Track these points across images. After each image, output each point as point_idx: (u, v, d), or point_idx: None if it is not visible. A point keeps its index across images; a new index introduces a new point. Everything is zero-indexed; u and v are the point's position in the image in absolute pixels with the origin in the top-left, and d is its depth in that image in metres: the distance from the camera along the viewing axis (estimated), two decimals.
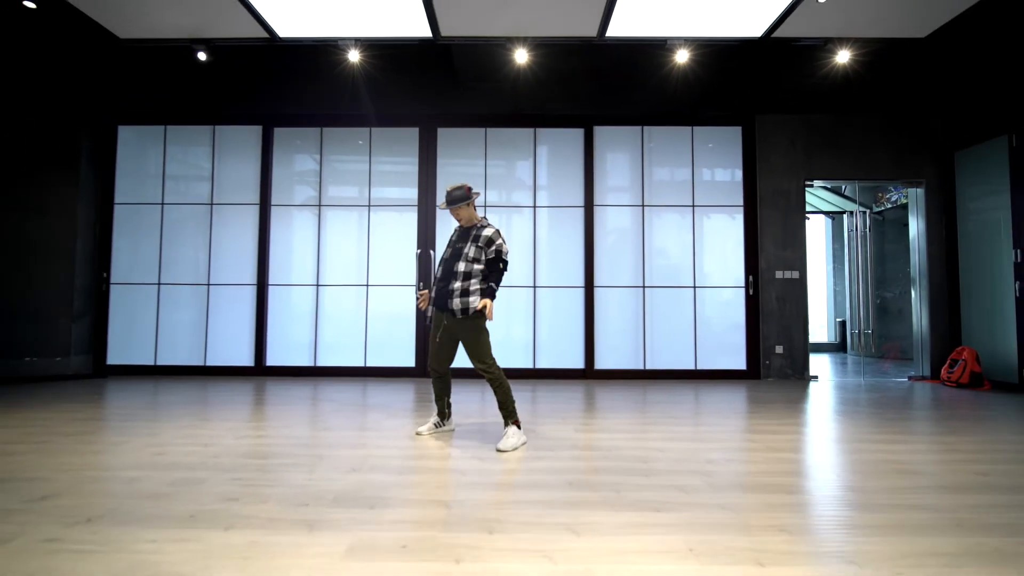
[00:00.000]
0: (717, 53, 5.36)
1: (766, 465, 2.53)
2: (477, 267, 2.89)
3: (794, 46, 4.80)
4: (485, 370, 2.89)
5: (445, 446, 2.84)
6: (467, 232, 2.98)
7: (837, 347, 9.62)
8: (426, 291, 3.08)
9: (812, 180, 5.91)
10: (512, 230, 5.86)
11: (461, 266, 2.89)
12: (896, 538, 1.72)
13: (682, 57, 4.66)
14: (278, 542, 1.66)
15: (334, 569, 1.50)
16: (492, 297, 2.88)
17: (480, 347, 2.90)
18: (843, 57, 4.60)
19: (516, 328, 5.74)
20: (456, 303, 2.86)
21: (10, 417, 3.49)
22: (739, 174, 5.86)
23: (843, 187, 8.60)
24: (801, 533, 1.74)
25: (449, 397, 3.14)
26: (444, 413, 3.14)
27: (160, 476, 2.29)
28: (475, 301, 2.85)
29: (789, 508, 1.98)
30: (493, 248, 2.93)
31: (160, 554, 1.58)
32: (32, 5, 3.95)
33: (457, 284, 2.87)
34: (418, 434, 3.06)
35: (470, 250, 2.91)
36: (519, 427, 2.89)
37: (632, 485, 2.22)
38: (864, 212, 6.41)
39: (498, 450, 2.73)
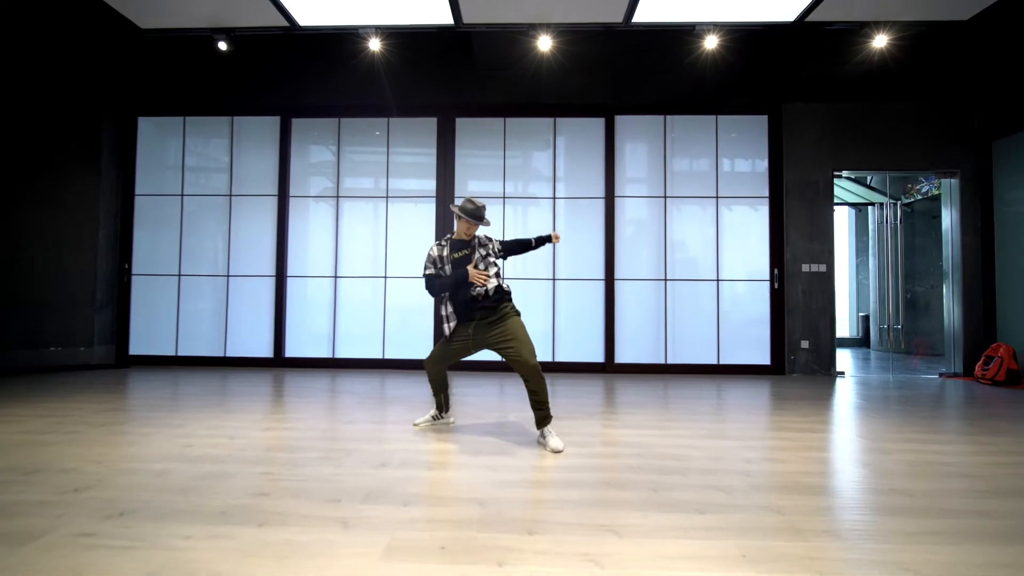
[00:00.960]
0: (745, 38, 5.20)
1: (805, 465, 2.45)
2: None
3: (826, 30, 4.63)
4: (537, 368, 2.73)
5: (470, 441, 2.79)
6: (471, 245, 2.91)
7: (860, 342, 9.41)
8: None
9: (841, 170, 5.73)
10: (530, 221, 5.77)
11: (492, 270, 2.87)
12: (955, 546, 1.63)
13: (710, 43, 4.52)
14: (313, 540, 1.62)
15: (374, 571, 1.46)
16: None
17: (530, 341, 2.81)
18: (879, 42, 4.42)
19: (535, 321, 5.67)
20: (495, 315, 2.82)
21: (40, 406, 3.52)
22: (765, 164, 5.70)
23: (868, 177, 8.36)
24: (856, 539, 1.66)
25: (447, 391, 3.11)
26: (443, 406, 3.12)
27: (189, 469, 2.27)
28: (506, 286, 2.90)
29: (838, 511, 1.90)
30: (497, 242, 3.00)
31: (195, 551, 1.55)
32: None
33: (495, 283, 2.83)
34: (415, 425, 3.09)
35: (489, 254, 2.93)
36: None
37: (670, 485, 2.15)
38: (895, 203, 6.21)
39: (556, 451, 2.62)
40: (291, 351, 5.76)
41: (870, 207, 8.64)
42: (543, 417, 2.75)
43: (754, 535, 1.68)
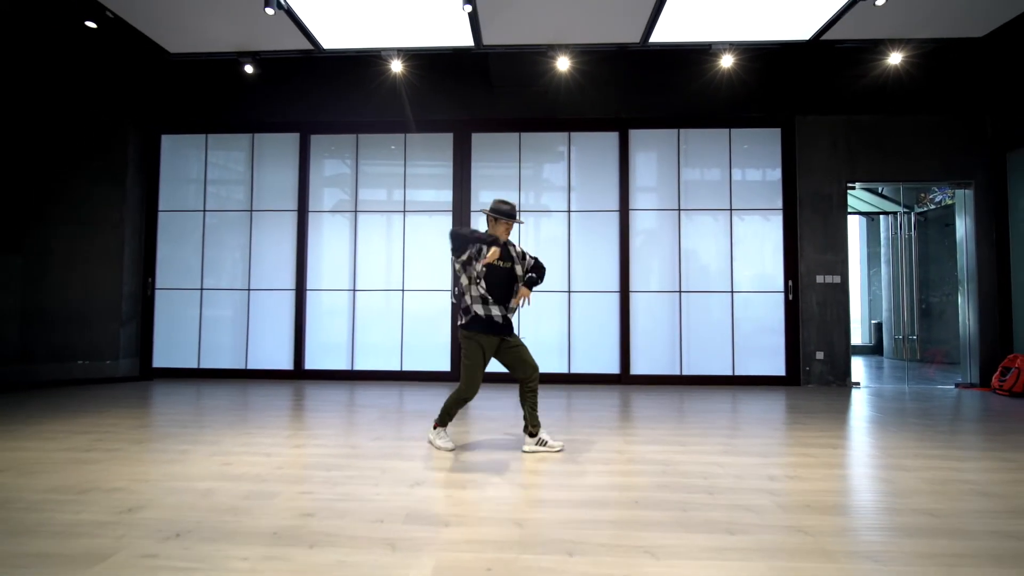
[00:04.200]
0: (759, 56, 5.27)
1: (829, 483, 2.50)
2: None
3: (841, 48, 4.69)
4: (533, 375, 2.93)
5: (497, 459, 2.87)
6: (507, 250, 2.96)
7: (872, 349, 9.41)
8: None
9: (855, 182, 5.77)
10: (543, 234, 5.86)
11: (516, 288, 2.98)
12: (993, 569, 1.68)
13: (726, 62, 4.60)
14: (364, 562, 1.70)
15: None
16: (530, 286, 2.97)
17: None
18: (894, 58, 4.49)
19: (550, 333, 5.75)
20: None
21: (75, 422, 3.63)
22: (778, 176, 5.76)
23: (880, 187, 8.38)
24: (890, 562, 1.72)
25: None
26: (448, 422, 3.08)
27: (233, 488, 2.36)
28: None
29: (867, 532, 1.95)
30: (530, 258, 3.07)
31: (254, 573, 1.63)
32: (93, 25, 4.07)
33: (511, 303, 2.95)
34: (451, 449, 3.00)
35: (519, 269, 2.98)
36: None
37: (699, 504, 2.21)
38: (908, 213, 6.24)
39: (523, 451, 2.92)
40: (311, 363, 5.87)
41: (882, 216, 8.65)
42: (535, 426, 2.94)
43: (785, 556, 1.74)
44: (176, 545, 1.81)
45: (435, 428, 3.03)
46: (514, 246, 3.02)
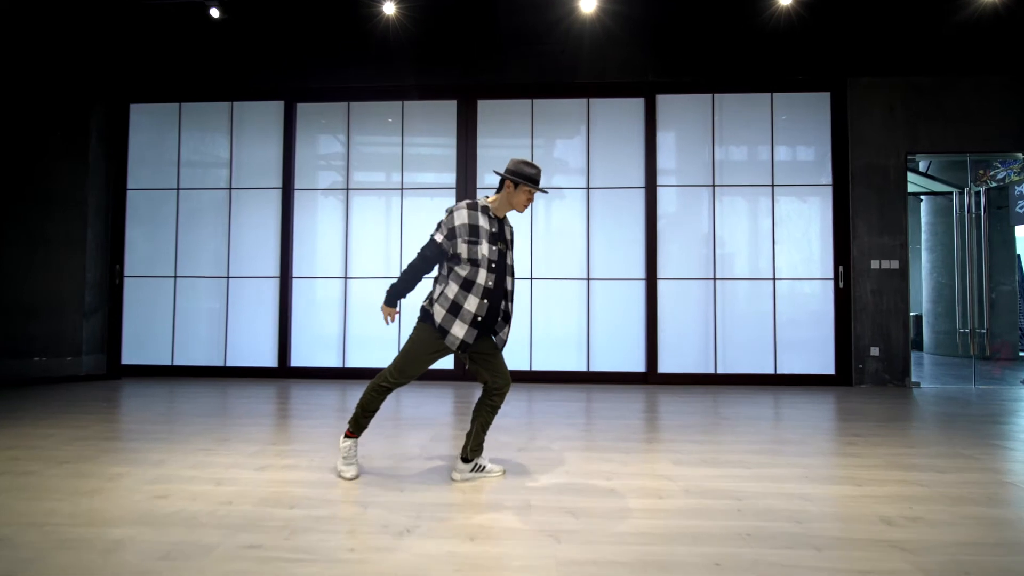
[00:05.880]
0: (803, 4, 4.56)
1: (967, 530, 1.83)
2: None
3: None
4: (504, 388, 2.25)
5: (511, 490, 2.21)
6: (500, 229, 2.24)
7: (913, 344, 8.68)
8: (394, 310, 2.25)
9: (914, 153, 5.05)
10: (555, 215, 5.17)
11: (510, 282, 2.24)
12: None
13: (763, 10, 3.87)
14: None
15: None
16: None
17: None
18: (959, 9, 3.75)
19: (567, 327, 5.09)
20: (505, 332, 2.27)
21: (1, 433, 3.00)
22: (827, 148, 5.05)
23: (921, 164, 7.61)
24: None
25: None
26: (363, 428, 2.32)
27: (153, 539, 1.72)
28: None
29: None
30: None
31: None
32: None
33: (508, 304, 2.25)
34: (352, 479, 2.28)
35: (511, 259, 2.27)
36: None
37: (807, 566, 1.55)
38: (978, 192, 5.52)
39: (453, 479, 2.26)
40: (297, 360, 5.23)
41: (924, 196, 7.91)
42: (476, 448, 2.28)
43: None
44: None
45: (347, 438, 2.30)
46: (511, 227, 2.33)
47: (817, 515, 1.94)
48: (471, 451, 2.28)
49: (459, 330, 2.12)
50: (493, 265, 2.14)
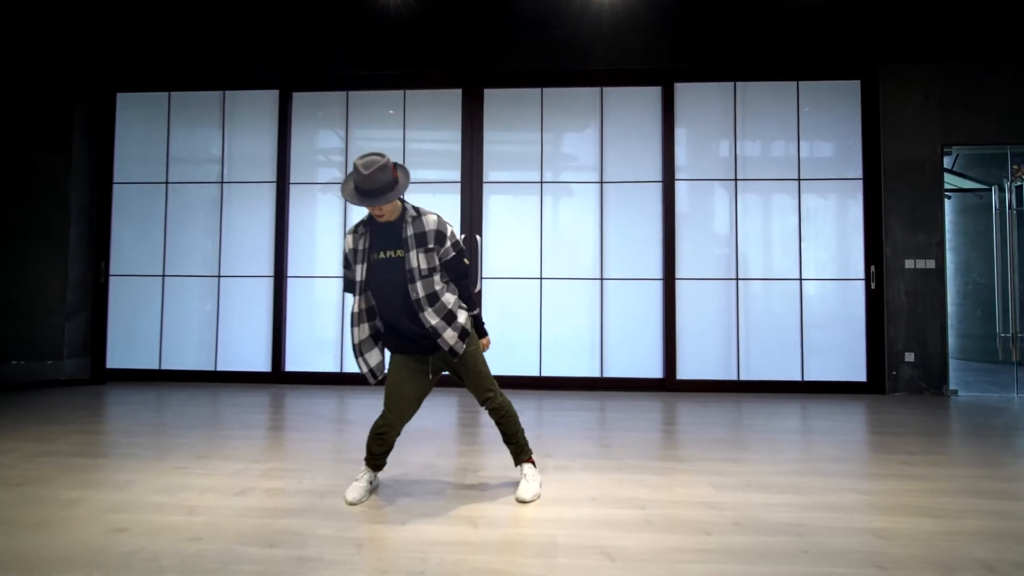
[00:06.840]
0: None
1: None
2: (438, 277, 1.99)
3: None
4: (493, 398, 2.09)
5: (533, 523, 1.90)
6: (393, 233, 1.98)
7: None
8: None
9: (951, 145, 4.73)
10: (566, 211, 4.86)
11: (420, 290, 1.92)
12: None
13: None
14: None
15: None
16: (484, 330, 2.17)
17: (488, 373, 2.13)
18: None
19: (579, 330, 4.77)
20: (450, 338, 1.96)
21: None
22: (857, 140, 4.73)
23: (944, 159, 7.25)
24: None
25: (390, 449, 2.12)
26: (380, 466, 2.14)
27: None
28: (463, 318, 2.02)
29: None
30: (448, 245, 2.01)
31: None
32: None
33: (433, 318, 1.94)
34: (352, 504, 2.01)
35: (419, 261, 1.93)
36: (534, 464, 2.20)
37: None
38: (1018, 187, 5.19)
39: (520, 500, 2.05)
40: (292, 365, 4.92)
41: (950, 194, 7.58)
42: (516, 453, 2.19)
43: None
44: None
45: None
46: (407, 219, 2.00)
47: (901, 559, 1.62)
48: (519, 457, 2.17)
49: (360, 362, 2.03)
50: (366, 283, 2.00)
